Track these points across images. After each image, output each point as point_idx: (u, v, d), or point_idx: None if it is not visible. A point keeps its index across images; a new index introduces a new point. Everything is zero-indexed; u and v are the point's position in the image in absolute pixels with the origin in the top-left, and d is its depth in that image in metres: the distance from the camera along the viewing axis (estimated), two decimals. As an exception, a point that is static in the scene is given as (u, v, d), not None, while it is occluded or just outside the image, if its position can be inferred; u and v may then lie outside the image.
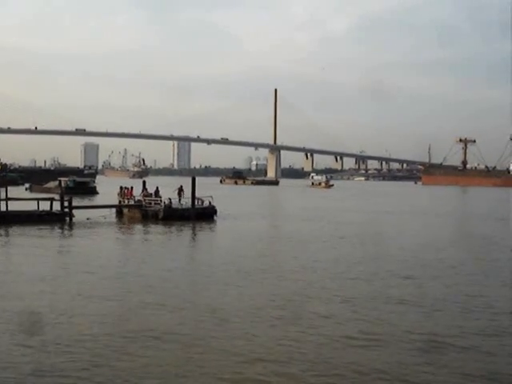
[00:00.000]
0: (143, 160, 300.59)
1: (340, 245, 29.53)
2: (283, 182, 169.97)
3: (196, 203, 41.06)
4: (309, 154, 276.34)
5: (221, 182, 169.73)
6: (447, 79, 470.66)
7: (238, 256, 24.50)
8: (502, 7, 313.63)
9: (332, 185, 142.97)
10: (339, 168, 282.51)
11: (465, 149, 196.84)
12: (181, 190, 42.82)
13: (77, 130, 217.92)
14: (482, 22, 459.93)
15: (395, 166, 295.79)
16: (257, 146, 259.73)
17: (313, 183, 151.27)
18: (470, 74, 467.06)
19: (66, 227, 35.67)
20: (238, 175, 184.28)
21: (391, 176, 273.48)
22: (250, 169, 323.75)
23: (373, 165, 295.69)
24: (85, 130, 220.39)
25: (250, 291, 17.40)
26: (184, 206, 41.21)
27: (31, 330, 13.09)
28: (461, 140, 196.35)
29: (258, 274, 20.20)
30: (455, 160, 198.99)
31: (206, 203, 42.04)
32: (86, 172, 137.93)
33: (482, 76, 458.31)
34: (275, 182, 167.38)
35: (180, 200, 42.05)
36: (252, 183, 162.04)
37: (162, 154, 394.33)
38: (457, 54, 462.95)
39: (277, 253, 26.45)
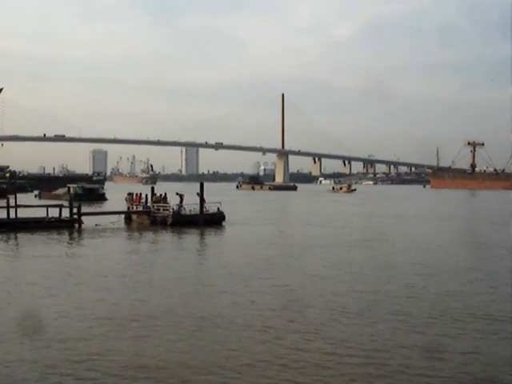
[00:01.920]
0: (151, 166, 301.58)
1: (354, 252, 29.38)
2: (301, 187, 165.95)
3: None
4: (317, 159, 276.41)
5: (237, 187, 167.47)
6: (453, 81, 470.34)
7: (242, 263, 24.18)
8: (502, 8, 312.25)
9: (354, 189, 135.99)
10: (347, 172, 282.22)
11: (473, 152, 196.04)
12: (180, 196, 42.39)
13: (56, 136, 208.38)
14: (484, 24, 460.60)
15: (403, 169, 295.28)
16: (265, 150, 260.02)
17: (333, 188, 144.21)
18: (475, 76, 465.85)
19: (75, 234, 35.76)
20: (254, 180, 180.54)
21: (400, 180, 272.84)
22: (258, 174, 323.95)
23: (381, 169, 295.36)
24: (64, 136, 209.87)
25: (249, 300, 17.04)
26: (192, 212, 41.18)
27: (33, 337, 13.12)
28: (469, 143, 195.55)
29: (260, 282, 19.81)
30: (464, 163, 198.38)
31: (214, 209, 42.00)
32: (94, 178, 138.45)
33: (488, 78, 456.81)
34: (293, 188, 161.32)
35: (181, 207, 41.63)
36: (269, 188, 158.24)
37: (170, 160, 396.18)
38: (461, 56, 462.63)
39: (282, 260, 25.65)
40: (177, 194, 42.54)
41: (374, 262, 24.58)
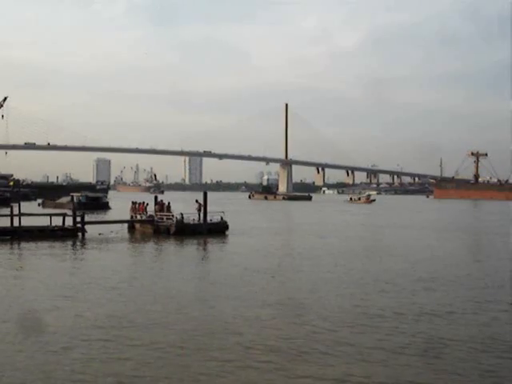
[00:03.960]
0: (155, 175, 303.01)
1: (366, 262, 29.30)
2: (316, 197, 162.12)
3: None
4: (320, 169, 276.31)
5: (249, 197, 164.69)
6: (457, 91, 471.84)
7: (239, 275, 23.84)
8: (503, 16, 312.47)
9: (373, 200, 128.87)
10: (351, 182, 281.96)
11: (477, 162, 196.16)
12: (164, 205, 42.44)
13: (26, 143, 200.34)
14: (488, 33, 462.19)
15: (407, 179, 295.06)
16: (268, 160, 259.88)
17: (351, 198, 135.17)
18: (479, 86, 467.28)
19: (79, 242, 35.75)
20: (267, 190, 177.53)
21: (403, 190, 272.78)
22: (261, 183, 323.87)
23: (384, 179, 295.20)
24: (34, 144, 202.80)
25: (246, 313, 16.80)
26: (196, 221, 41.24)
27: (32, 347, 13.03)
28: (473, 153, 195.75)
29: (254, 297, 19.12)
30: (467, 173, 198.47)
31: (218, 218, 41.98)
32: (98, 187, 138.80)
33: (492, 88, 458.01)
34: (308, 198, 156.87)
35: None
36: (283, 198, 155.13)
37: (174, 169, 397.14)
38: (465, 66, 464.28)
39: (280, 273, 24.94)
40: (161, 201, 42.81)
41: (374, 276, 24.49)
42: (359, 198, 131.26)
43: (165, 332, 14.34)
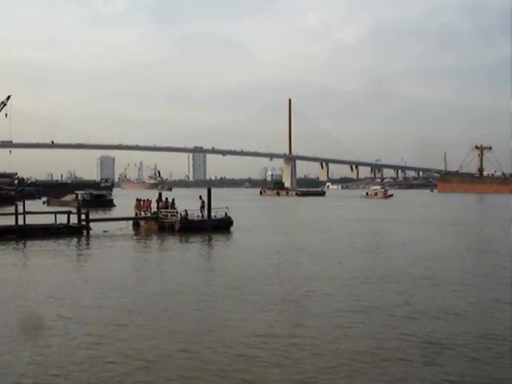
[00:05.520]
0: (159, 172, 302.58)
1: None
2: (329, 192, 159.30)
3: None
4: (324, 164, 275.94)
5: (260, 193, 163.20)
6: (457, 84, 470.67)
7: (240, 273, 23.67)
8: (502, 11, 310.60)
9: (391, 195, 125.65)
10: (355, 177, 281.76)
11: (481, 156, 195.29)
12: (168, 202, 42.69)
13: (2, 142, 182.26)
14: (486, 27, 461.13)
15: (411, 173, 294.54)
16: (272, 156, 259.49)
17: (367, 193, 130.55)
18: (479, 79, 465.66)
19: (84, 240, 35.80)
20: (279, 186, 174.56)
21: (407, 184, 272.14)
22: (265, 179, 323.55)
23: (388, 173, 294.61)
24: (11, 142, 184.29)
25: (245, 313, 16.66)
26: (200, 218, 41.25)
27: (35, 348, 12.97)
28: (476, 147, 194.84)
29: (258, 294, 18.90)
30: (471, 167, 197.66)
31: (222, 215, 41.93)
32: (102, 185, 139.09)
33: (491, 81, 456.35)
34: (321, 193, 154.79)
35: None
36: (296, 194, 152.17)
37: (178, 166, 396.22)
38: (467, 60, 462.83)
39: (280, 272, 24.22)
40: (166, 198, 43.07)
41: (379, 273, 24.47)
42: (376, 193, 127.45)
43: (164, 332, 14.33)
